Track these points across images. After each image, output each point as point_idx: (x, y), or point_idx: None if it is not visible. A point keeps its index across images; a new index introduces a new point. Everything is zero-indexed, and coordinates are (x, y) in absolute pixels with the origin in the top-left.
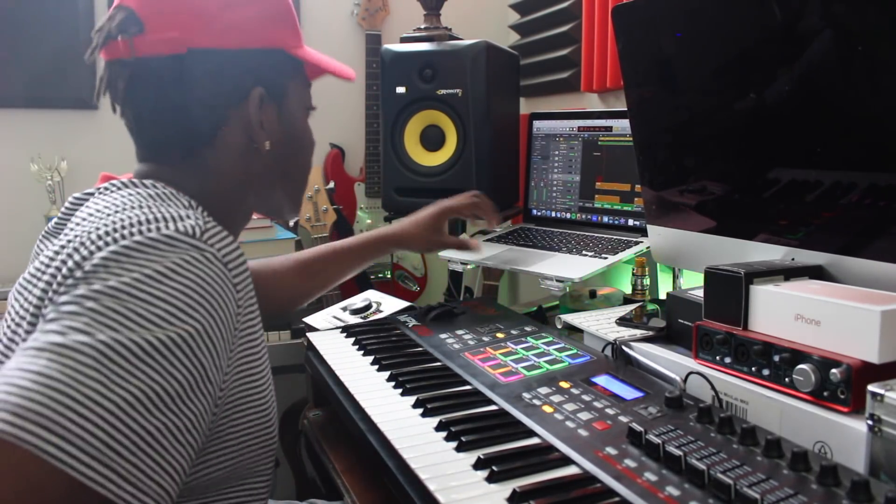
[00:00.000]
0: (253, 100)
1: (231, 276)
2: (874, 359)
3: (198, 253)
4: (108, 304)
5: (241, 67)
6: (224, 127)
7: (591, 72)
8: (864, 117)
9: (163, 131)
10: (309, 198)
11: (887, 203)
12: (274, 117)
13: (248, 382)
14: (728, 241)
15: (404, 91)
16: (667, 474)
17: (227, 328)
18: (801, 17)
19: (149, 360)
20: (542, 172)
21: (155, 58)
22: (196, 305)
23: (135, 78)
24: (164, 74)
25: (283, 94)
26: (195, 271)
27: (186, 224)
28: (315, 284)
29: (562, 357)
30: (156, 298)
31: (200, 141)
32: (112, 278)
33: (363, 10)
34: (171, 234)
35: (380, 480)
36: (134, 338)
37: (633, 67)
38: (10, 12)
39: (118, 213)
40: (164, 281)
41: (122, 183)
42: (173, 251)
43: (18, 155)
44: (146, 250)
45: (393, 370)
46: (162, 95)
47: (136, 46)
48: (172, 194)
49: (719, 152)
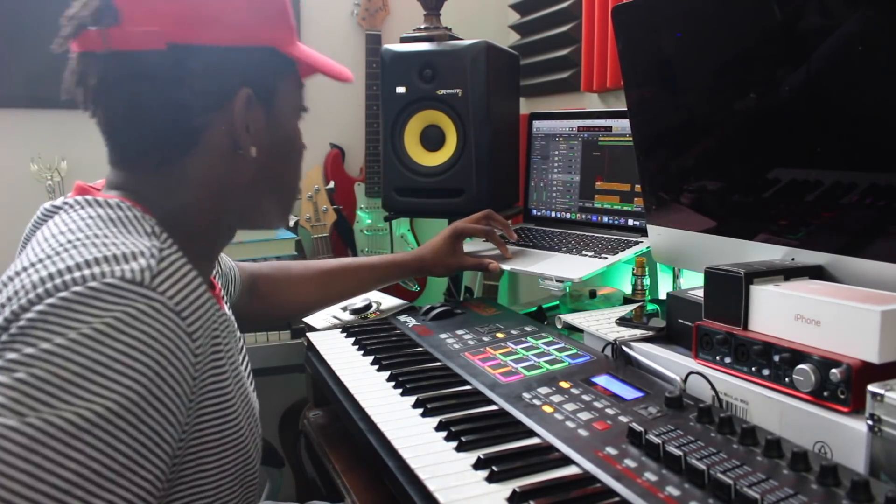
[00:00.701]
0: (239, 102)
1: (185, 324)
2: (874, 359)
3: (144, 304)
4: (41, 374)
5: (228, 66)
6: (206, 131)
7: (591, 72)
8: (864, 117)
9: (137, 135)
10: (309, 198)
11: (887, 203)
12: (262, 121)
13: (218, 424)
14: (728, 241)
15: (404, 91)
16: (667, 474)
17: (180, 383)
18: (800, 16)
19: (87, 436)
20: (542, 172)
21: (131, 52)
22: (140, 367)
23: (108, 73)
24: (141, 71)
25: (273, 96)
26: (139, 326)
27: (135, 267)
28: (331, 295)
29: (562, 357)
30: (94, 363)
31: (179, 147)
32: (44, 341)
33: (363, 10)
34: (115, 284)
35: (380, 480)
36: (68, 415)
37: (633, 67)
38: (10, 12)
39: (68, 245)
40: (104, 341)
41: (86, 201)
42: (116, 304)
43: (18, 155)
44: (86, 304)
45: (393, 370)
46: (137, 95)
47: (111, 38)
48: (136, 218)
49: (719, 152)
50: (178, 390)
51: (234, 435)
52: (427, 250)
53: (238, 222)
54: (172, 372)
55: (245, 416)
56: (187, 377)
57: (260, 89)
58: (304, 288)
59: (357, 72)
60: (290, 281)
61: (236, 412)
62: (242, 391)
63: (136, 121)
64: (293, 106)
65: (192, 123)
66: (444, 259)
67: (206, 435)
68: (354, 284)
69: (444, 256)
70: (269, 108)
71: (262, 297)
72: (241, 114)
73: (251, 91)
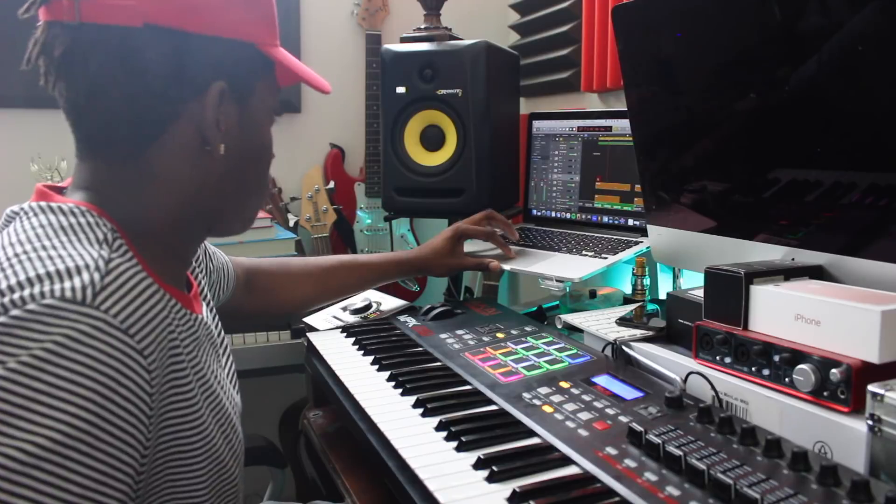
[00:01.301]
0: (213, 94)
1: (134, 342)
2: (874, 359)
3: (85, 324)
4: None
5: (204, 55)
6: (175, 123)
7: (591, 72)
8: (864, 117)
9: (103, 119)
10: (309, 198)
11: (887, 203)
12: (234, 119)
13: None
14: (728, 241)
15: (404, 91)
16: (667, 474)
17: (134, 402)
18: (800, 16)
19: (34, 471)
20: (542, 172)
21: (103, 27)
22: (85, 392)
23: (76, 45)
24: (111, 48)
25: (248, 94)
26: (82, 349)
27: (76, 284)
28: (330, 292)
29: (562, 357)
30: (35, 392)
31: (147, 136)
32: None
33: (363, 10)
34: (54, 305)
35: (380, 481)
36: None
37: (633, 67)
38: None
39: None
40: (44, 368)
41: (39, 207)
42: (55, 326)
43: (18, 155)
44: (24, 328)
45: (393, 370)
46: (106, 73)
47: (83, 9)
48: (89, 224)
49: (719, 152)
50: (133, 409)
51: (204, 446)
52: (427, 250)
53: (204, 225)
54: (124, 392)
55: (217, 424)
56: (142, 395)
57: (235, 85)
58: (303, 284)
59: (357, 72)
60: (290, 277)
61: (204, 423)
62: (212, 399)
63: (100, 102)
64: (267, 109)
65: (161, 111)
66: (444, 259)
67: (175, 448)
68: (354, 282)
69: (444, 256)
70: (242, 106)
71: (261, 293)
72: (213, 108)
73: (225, 85)
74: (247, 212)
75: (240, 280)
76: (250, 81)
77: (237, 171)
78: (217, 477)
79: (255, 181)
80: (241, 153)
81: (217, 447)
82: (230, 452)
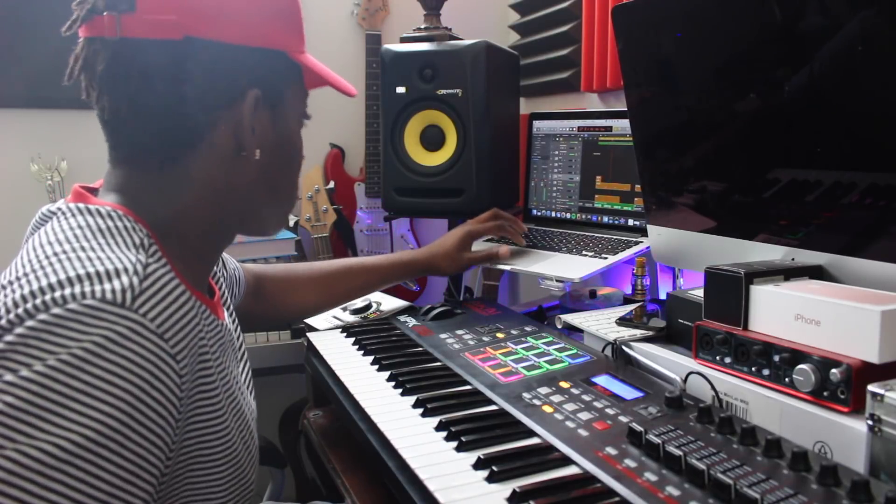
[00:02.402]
0: (248, 102)
1: (168, 346)
2: (874, 359)
3: (124, 327)
4: (18, 403)
5: (240, 65)
6: (212, 130)
7: (591, 72)
8: (863, 117)
9: (143, 129)
10: (309, 198)
11: (887, 203)
12: (267, 124)
13: (208, 441)
14: (728, 241)
15: (404, 91)
16: (667, 474)
17: (165, 405)
18: (800, 16)
19: (67, 467)
20: (542, 172)
21: (144, 41)
22: (120, 392)
23: (118, 60)
24: (154, 61)
25: (279, 100)
26: (120, 350)
27: (116, 287)
28: (336, 297)
29: (562, 357)
30: (73, 390)
31: (184, 143)
32: (24, 367)
33: (363, 10)
34: (95, 305)
35: (380, 480)
36: (46, 445)
37: (633, 67)
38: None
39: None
40: (83, 367)
41: (77, 209)
42: (95, 327)
43: (18, 155)
44: (65, 326)
45: (393, 370)
46: (148, 85)
47: (125, 25)
48: (126, 228)
49: (719, 152)
50: (163, 412)
51: (226, 450)
52: (437, 249)
53: (236, 227)
54: (156, 395)
55: (237, 430)
56: (172, 399)
57: (268, 92)
58: (309, 290)
59: (357, 72)
60: (295, 283)
61: (227, 428)
62: (234, 405)
63: (141, 112)
64: (298, 113)
65: (199, 120)
66: (454, 257)
67: (197, 452)
68: (360, 285)
69: (454, 253)
70: (274, 112)
71: (268, 299)
72: (249, 114)
73: (260, 93)
74: (281, 213)
75: (249, 286)
76: (281, 88)
77: (270, 174)
78: (236, 480)
79: (288, 184)
80: (274, 157)
81: (237, 451)
82: (248, 457)
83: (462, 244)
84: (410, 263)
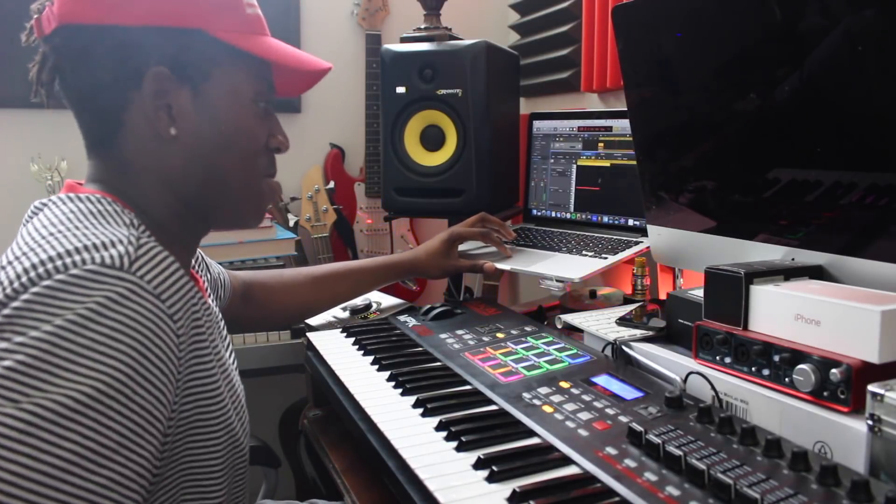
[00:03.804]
0: (149, 79)
1: (165, 306)
2: (874, 359)
3: (123, 287)
4: (30, 361)
5: (143, 45)
6: (126, 111)
7: (591, 72)
8: (864, 117)
9: (79, 117)
10: (309, 198)
11: (887, 203)
12: (187, 104)
13: (204, 405)
14: (728, 241)
15: (404, 91)
16: (667, 474)
17: (165, 362)
18: (801, 16)
19: (80, 417)
20: (542, 172)
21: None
22: (125, 347)
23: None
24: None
25: (203, 79)
26: (121, 310)
27: (113, 253)
28: (325, 299)
29: (562, 357)
30: (81, 346)
31: (108, 126)
32: (32, 329)
33: (363, 10)
34: (95, 270)
35: (380, 480)
36: (60, 397)
37: (633, 67)
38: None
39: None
40: (88, 325)
41: (68, 197)
42: (97, 288)
43: (18, 155)
44: (68, 290)
45: (393, 370)
46: (63, 74)
47: (43, 23)
48: (115, 211)
49: (719, 152)
50: (164, 369)
51: (220, 416)
52: (421, 252)
53: (204, 214)
54: (156, 351)
55: (230, 398)
56: (171, 356)
57: (182, 70)
58: (297, 294)
59: (357, 72)
60: (283, 288)
61: (221, 394)
62: (227, 375)
63: (71, 101)
64: (235, 94)
65: (114, 102)
66: (438, 261)
67: (194, 415)
68: (347, 288)
69: (438, 258)
70: (196, 92)
71: (257, 304)
72: (151, 92)
73: (166, 70)
74: (239, 203)
75: (237, 292)
76: (203, 67)
77: (204, 157)
78: (232, 450)
79: (232, 168)
80: (204, 139)
81: (232, 421)
82: (242, 428)
83: (445, 247)
84: (396, 265)
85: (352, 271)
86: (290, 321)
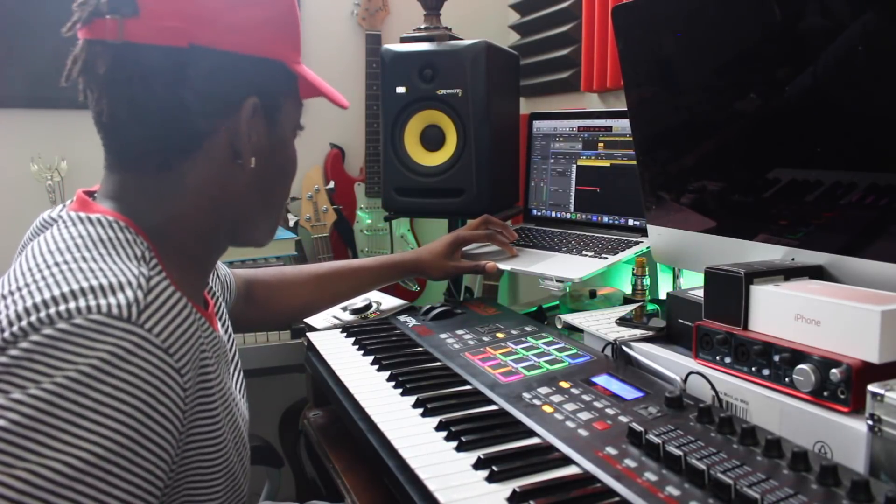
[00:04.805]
0: (246, 109)
1: (173, 360)
2: (874, 359)
3: (129, 342)
4: (27, 422)
5: (240, 73)
6: (209, 137)
7: (591, 72)
8: (864, 117)
9: (141, 133)
10: (309, 198)
11: (887, 203)
12: (263, 132)
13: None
14: (728, 241)
15: (404, 91)
16: (667, 474)
17: (170, 420)
18: (801, 16)
19: (77, 484)
20: (542, 172)
21: (147, 46)
22: (128, 409)
23: (119, 63)
24: (156, 66)
25: (276, 110)
26: (126, 367)
27: (121, 301)
28: (326, 298)
29: (562, 357)
30: (83, 408)
31: (182, 149)
32: (30, 385)
33: (363, 10)
34: (100, 320)
35: (380, 480)
36: (56, 464)
37: (633, 67)
38: (10, 12)
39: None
40: (91, 384)
41: (79, 218)
42: (102, 341)
43: (18, 155)
44: (71, 342)
45: (393, 370)
46: (148, 89)
47: (128, 30)
48: (127, 240)
49: (719, 152)
50: (169, 427)
51: (222, 462)
52: (424, 252)
53: (229, 235)
54: (162, 410)
55: (233, 441)
56: (177, 413)
57: (266, 101)
58: (298, 292)
59: (357, 72)
60: (285, 286)
61: (224, 439)
62: (230, 417)
63: (140, 117)
64: (293, 123)
65: (198, 126)
66: (440, 262)
67: (196, 463)
68: (349, 286)
69: (441, 259)
70: (270, 121)
71: (258, 303)
72: (247, 122)
73: (258, 101)
74: (271, 223)
75: (240, 292)
76: (278, 97)
77: (264, 182)
78: (230, 491)
79: (280, 193)
80: (267, 166)
81: (232, 463)
82: (241, 468)
83: (449, 249)
84: (399, 264)
85: (354, 270)
86: (291, 319)
